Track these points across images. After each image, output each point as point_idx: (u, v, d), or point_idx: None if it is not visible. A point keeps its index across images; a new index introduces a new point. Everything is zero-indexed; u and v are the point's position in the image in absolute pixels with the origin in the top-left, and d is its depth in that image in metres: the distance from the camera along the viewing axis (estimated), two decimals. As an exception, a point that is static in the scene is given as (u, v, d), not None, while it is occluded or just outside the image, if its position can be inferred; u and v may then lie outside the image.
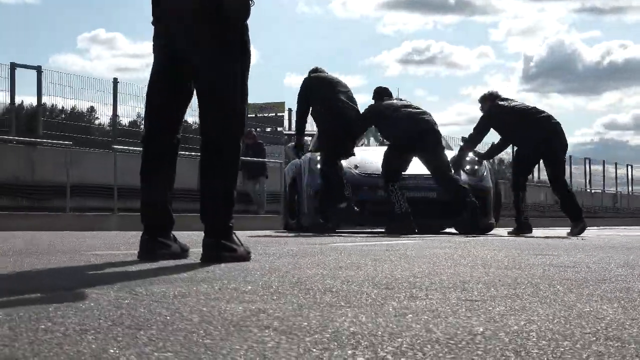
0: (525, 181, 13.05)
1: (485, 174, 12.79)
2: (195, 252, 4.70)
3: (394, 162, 11.67)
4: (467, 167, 12.79)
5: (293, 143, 13.85)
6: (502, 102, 12.34)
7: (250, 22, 4.61)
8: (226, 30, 4.61)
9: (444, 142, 12.72)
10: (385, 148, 12.44)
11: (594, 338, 1.96)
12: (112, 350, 1.71)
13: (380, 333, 2.00)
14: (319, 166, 12.02)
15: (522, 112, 12.22)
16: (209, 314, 2.29)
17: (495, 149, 13.61)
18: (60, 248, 6.20)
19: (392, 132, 12.10)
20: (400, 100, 12.73)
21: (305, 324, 2.13)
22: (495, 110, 12.24)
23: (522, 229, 12.11)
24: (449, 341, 1.89)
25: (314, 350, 1.75)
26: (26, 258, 4.80)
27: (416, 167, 11.95)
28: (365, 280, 3.46)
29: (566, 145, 12.55)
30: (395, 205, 11.27)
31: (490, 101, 12.54)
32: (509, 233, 12.30)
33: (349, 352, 1.74)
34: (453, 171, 11.92)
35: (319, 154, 12.47)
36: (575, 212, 11.99)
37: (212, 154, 4.64)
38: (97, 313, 2.29)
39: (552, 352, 1.78)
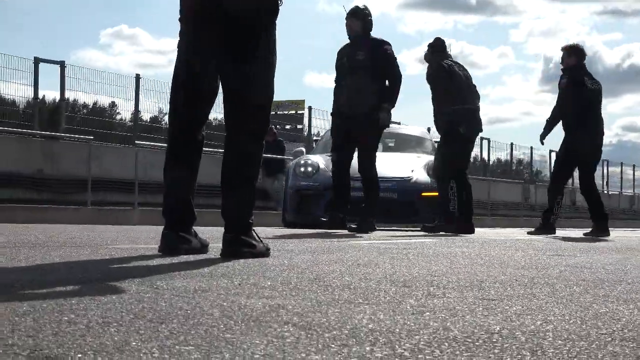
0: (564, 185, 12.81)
1: None
2: (215, 247, 4.71)
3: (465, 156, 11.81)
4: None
5: (301, 148, 16.16)
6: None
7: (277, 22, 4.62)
8: (253, 30, 4.61)
9: None
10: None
11: (610, 339, 1.97)
12: (134, 343, 1.73)
13: (397, 330, 2.01)
14: (302, 169, 13.69)
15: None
16: (229, 309, 2.30)
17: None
18: (82, 241, 6.23)
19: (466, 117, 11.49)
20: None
21: (324, 320, 2.14)
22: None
23: (546, 229, 11.83)
24: (466, 339, 1.90)
25: (333, 346, 1.76)
26: (49, 251, 4.82)
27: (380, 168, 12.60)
28: (383, 277, 3.47)
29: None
30: (450, 203, 11.30)
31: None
32: (529, 232, 12.16)
33: (367, 348, 1.75)
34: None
35: (304, 157, 14.41)
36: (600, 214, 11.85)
37: (235, 152, 4.65)
38: (119, 306, 2.31)
39: (567, 352, 1.78)
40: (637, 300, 2.85)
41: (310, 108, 28.30)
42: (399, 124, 28.55)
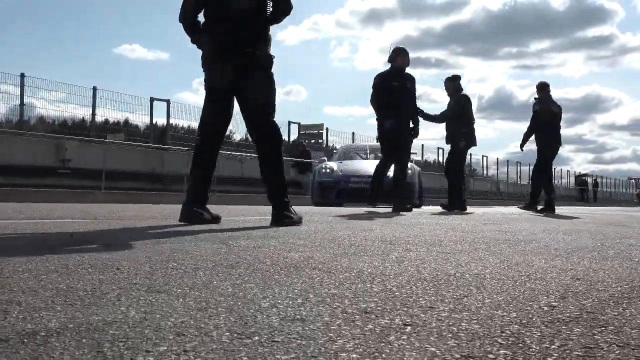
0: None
1: (410, 173, 13.43)
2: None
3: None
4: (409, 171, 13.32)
5: (323, 157, 16.68)
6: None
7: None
8: (261, 59, 4.44)
9: None
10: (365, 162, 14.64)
11: (527, 279, 1.93)
12: (215, 282, 1.71)
13: (387, 273, 1.98)
14: (323, 170, 14.12)
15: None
16: (277, 259, 2.28)
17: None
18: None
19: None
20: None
21: (339, 266, 2.11)
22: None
23: (532, 207, 10.89)
24: (433, 279, 1.86)
25: (346, 283, 1.74)
26: (162, 220, 4.82)
27: (366, 168, 13.48)
28: (376, 238, 3.43)
29: None
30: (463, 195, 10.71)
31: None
32: (520, 207, 11.40)
33: (368, 285, 1.72)
34: None
35: (324, 163, 14.75)
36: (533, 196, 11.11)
37: (264, 155, 4.60)
38: (205, 257, 2.29)
39: (500, 287, 1.75)
40: (544, 253, 2.80)
41: (327, 129, 28.47)
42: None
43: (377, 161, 15.07)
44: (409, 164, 14.21)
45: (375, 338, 1.12)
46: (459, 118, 10.27)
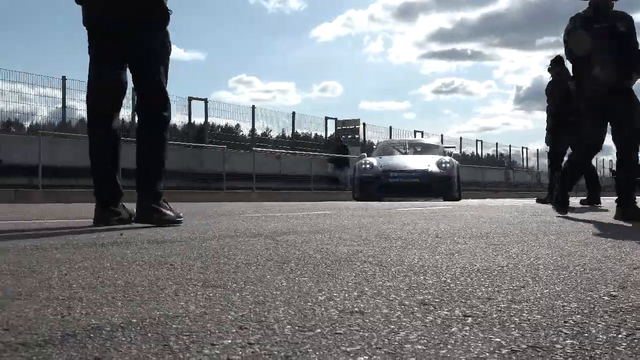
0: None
1: (449, 167, 14.07)
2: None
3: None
4: (443, 165, 13.88)
5: (364, 154, 16.35)
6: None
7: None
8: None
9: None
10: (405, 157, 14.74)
11: (582, 269, 1.90)
12: (268, 276, 1.71)
13: (439, 265, 1.96)
14: (363, 166, 14.18)
15: None
16: (326, 253, 2.28)
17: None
18: (222, 212, 6.27)
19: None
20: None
21: (389, 259, 2.11)
22: None
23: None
24: (486, 271, 1.84)
25: (399, 276, 1.73)
26: (202, 219, 4.86)
27: (405, 163, 14.14)
28: (421, 232, 3.41)
29: None
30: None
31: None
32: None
33: (421, 277, 1.71)
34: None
35: (365, 159, 14.77)
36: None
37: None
38: (255, 253, 2.30)
39: (556, 277, 1.72)
40: (595, 243, 2.75)
41: (364, 124, 28.39)
42: (422, 133, 28.37)
43: (417, 156, 15.09)
44: (447, 158, 14.26)
45: (437, 329, 1.11)
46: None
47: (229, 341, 1.03)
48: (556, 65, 9.78)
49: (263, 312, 1.24)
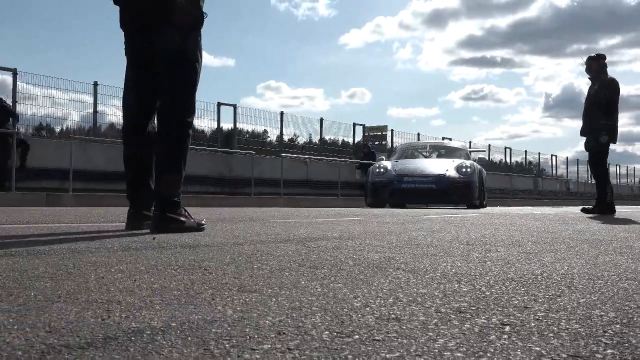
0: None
1: (469, 171, 13.48)
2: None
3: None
4: (463, 169, 13.40)
5: (382, 157, 16.92)
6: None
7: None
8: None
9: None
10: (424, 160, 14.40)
11: (618, 279, 1.88)
12: (302, 282, 1.72)
13: (472, 273, 1.95)
14: (376, 170, 13.79)
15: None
16: (358, 260, 2.28)
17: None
18: (252, 217, 6.29)
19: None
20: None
21: (422, 266, 2.10)
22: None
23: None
24: (520, 279, 1.83)
25: (433, 283, 1.72)
26: (233, 223, 4.88)
27: (421, 167, 13.62)
28: (452, 239, 3.40)
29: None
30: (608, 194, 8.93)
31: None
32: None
33: (455, 285, 1.70)
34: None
35: (379, 162, 14.64)
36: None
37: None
38: (287, 258, 2.31)
39: (592, 286, 1.70)
40: (628, 253, 2.72)
41: (392, 130, 28.39)
42: (450, 139, 28.30)
43: (435, 160, 14.68)
44: (469, 162, 13.79)
45: (475, 337, 1.11)
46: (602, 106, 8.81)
47: (269, 346, 1.03)
48: None
49: (300, 318, 1.24)
